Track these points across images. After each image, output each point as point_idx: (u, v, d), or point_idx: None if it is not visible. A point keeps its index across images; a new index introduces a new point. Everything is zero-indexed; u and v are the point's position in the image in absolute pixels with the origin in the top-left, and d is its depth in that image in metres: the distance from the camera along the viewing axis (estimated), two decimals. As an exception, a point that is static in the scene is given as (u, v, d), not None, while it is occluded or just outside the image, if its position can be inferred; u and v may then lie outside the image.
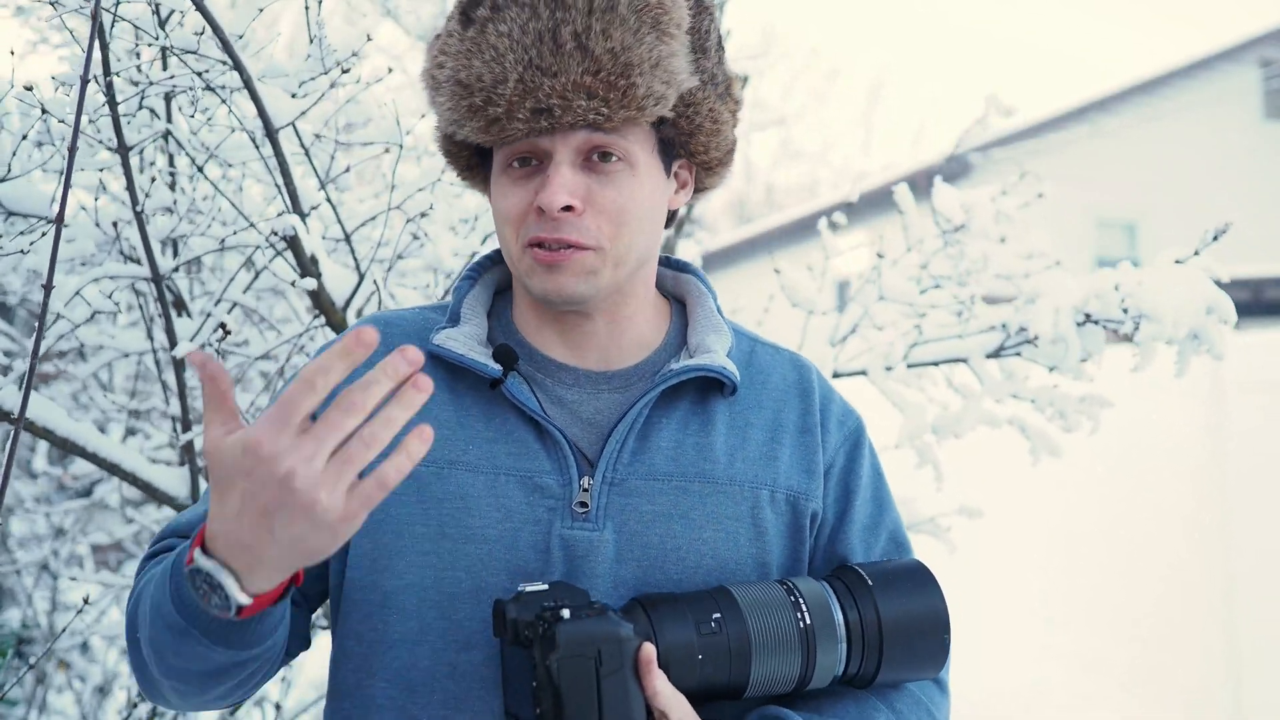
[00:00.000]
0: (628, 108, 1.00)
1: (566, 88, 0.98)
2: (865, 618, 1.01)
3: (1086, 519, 5.19)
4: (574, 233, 1.01)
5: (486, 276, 1.19)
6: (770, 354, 1.20)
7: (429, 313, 1.17)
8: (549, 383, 1.10)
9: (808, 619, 0.99)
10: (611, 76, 0.99)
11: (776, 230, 14.28)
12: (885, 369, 2.03)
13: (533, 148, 1.03)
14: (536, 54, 0.98)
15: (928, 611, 1.04)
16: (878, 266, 2.11)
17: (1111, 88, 12.88)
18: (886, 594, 1.03)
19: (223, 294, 1.87)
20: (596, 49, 0.98)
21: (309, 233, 1.72)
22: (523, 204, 1.03)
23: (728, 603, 0.99)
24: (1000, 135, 11.72)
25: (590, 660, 0.90)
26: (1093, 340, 1.78)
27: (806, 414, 1.15)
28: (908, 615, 1.03)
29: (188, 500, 1.87)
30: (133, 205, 1.64)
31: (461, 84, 1.01)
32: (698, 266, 1.25)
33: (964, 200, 2.08)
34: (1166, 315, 1.59)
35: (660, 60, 1.01)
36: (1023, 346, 1.89)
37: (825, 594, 1.02)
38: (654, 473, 1.07)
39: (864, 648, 1.01)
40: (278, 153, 1.67)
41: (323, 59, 1.62)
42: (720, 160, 1.15)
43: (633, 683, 0.92)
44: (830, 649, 1.00)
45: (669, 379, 1.07)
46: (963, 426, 1.95)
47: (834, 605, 1.01)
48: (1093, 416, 1.89)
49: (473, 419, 1.07)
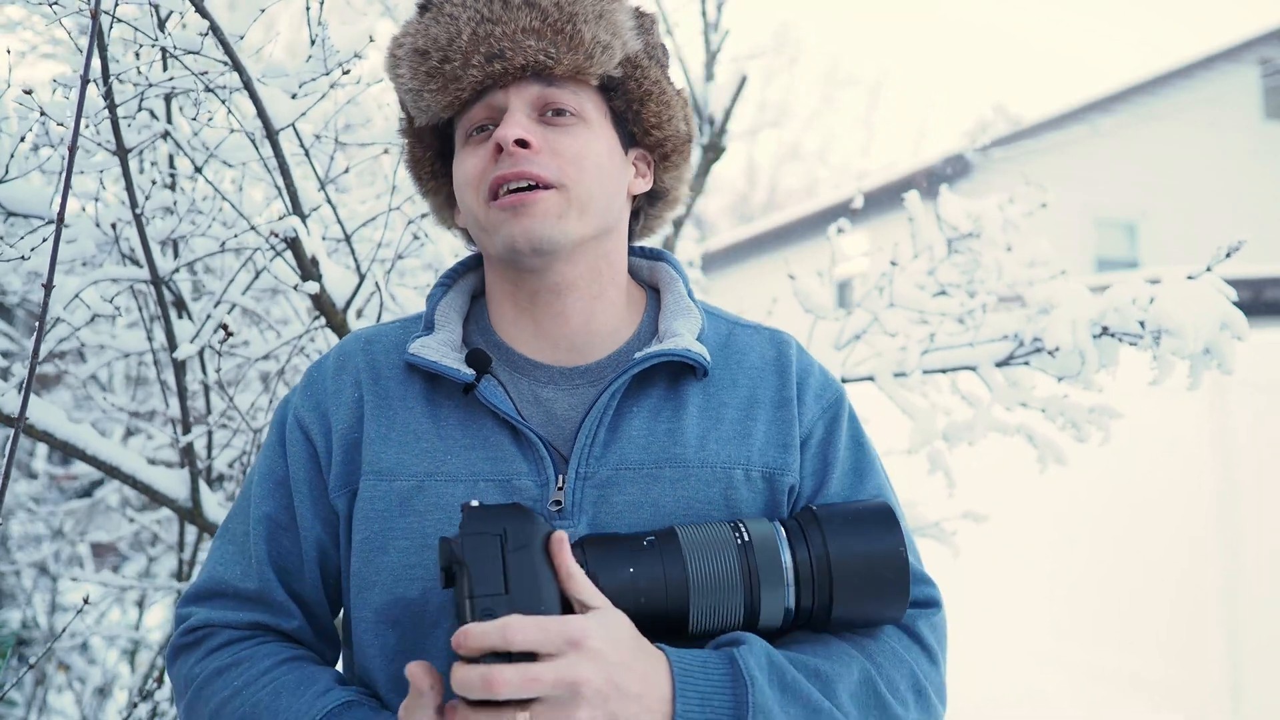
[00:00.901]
0: (575, 52, 1.05)
1: (515, 33, 1.04)
2: (815, 555, 0.98)
3: (1089, 524, 5.19)
4: (533, 165, 1.03)
5: (461, 282, 1.21)
6: (749, 334, 1.19)
7: (410, 323, 1.19)
8: (525, 382, 1.11)
9: (751, 553, 0.97)
10: (559, 23, 1.05)
11: (777, 230, 14.27)
12: (896, 375, 2.02)
13: (489, 111, 1.06)
14: (487, 10, 1.05)
15: (883, 550, 1.00)
16: (888, 273, 2.11)
17: (1111, 88, 12.89)
18: (839, 532, 0.99)
19: (222, 295, 1.86)
20: (543, 2, 1.05)
21: (309, 234, 1.72)
22: (481, 161, 1.06)
23: (667, 534, 0.98)
24: (1000, 136, 11.72)
25: (495, 537, 0.89)
26: (1108, 352, 1.78)
27: (783, 388, 1.14)
28: (861, 553, 0.99)
29: (187, 502, 1.86)
30: (132, 207, 1.63)
31: (419, 51, 1.07)
32: (692, 266, 1.26)
33: (971, 209, 2.08)
34: (1187, 330, 1.58)
35: (604, 13, 1.08)
36: (1034, 356, 1.88)
37: (774, 531, 1.00)
38: (625, 462, 1.06)
39: (814, 585, 0.98)
40: (278, 154, 1.66)
41: (324, 59, 1.61)
42: (674, 148, 1.17)
43: (543, 563, 0.90)
44: (775, 584, 0.97)
45: (633, 367, 1.07)
46: (974, 434, 1.95)
47: (781, 542, 0.99)
48: (1103, 427, 1.89)
49: (450, 427, 1.08)
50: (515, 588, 0.87)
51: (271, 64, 1.64)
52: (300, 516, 1.11)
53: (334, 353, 1.17)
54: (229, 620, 1.10)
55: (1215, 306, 1.61)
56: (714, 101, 3.28)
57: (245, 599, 1.10)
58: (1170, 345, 1.64)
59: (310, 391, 1.14)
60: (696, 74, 3.31)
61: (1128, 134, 12.76)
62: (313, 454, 1.11)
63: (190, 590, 1.14)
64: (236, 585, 1.11)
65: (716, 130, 3.29)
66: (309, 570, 1.11)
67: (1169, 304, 1.63)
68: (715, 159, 3.33)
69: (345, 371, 1.14)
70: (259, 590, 1.10)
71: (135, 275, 1.76)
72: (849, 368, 2.14)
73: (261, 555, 1.10)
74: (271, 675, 1.04)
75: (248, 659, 1.06)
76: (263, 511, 1.12)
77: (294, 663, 1.06)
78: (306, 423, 1.12)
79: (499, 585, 0.87)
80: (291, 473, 1.12)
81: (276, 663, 1.06)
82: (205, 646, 1.09)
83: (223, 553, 1.13)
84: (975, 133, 3.36)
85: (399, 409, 1.10)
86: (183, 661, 1.10)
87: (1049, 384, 1.97)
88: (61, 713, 3.40)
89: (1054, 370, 1.85)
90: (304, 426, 1.12)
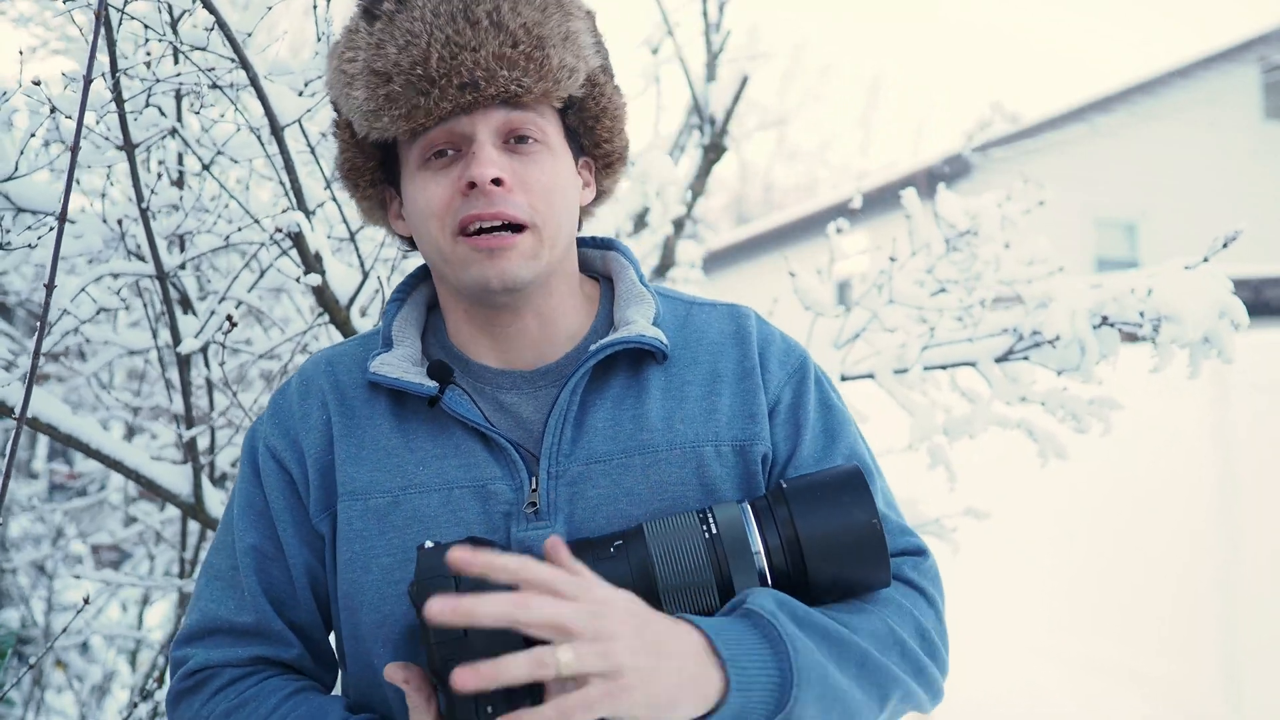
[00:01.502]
0: (545, 79, 1.02)
1: (489, 60, 0.99)
2: (784, 536, 0.95)
3: (1089, 521, 5.20)
4: (509, 206, 1.01)
5: (414, 295, 1.19)
6: (707, 312, 1.18)
7: (369, 340, 1.17)
8: (488, 390, 1.10)
9: (719, 543, 0.94)
10: (529, 49, 1.01)
11: (776, 230, 14.27)
12: (896, 372, 2.03)
13: (450, 135, 1.02)
14: (454, 31, 0.99)
15: (855, 522, 0.95)
16: (887, 270, 2.12)
17: (1111, 88, 12.88)
18: (807, 508, 0.96)
19: (227, 291, 1.87)
20: (510, 24, 1.01)
21: (313, 230, 1.73)
22: (447, 191, 1.02)
23: (634, 534, 0.96)
24: (1000, 135, 11.72)
25: (449, 579, 0.87)
26: (1108, 342, 1.79)
27: (744, 359, 1.13)
28: (833, 528, 0.95)
29: (190, 498, 1.87)
30: (138, 202, 1.64)
31: (377, 73, 1.01)
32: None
33: (969, 207, 2.09)
34: (1186, 318, 1.59)
35: (569, 35, 1.05)
36: (1033, 350, 1.89)
37: (741, 517, 0.96)
38: (593, 456, 1.06)
39: (788, 567, 0.95)
40: (283, 150, 1.67)
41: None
42: (618, 157, 1.17)
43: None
44: (747, 570, 0.94)
45: (589, 360, 1.06)
46: (974, 428, 1.96)
47: (750, 528, 0.95)
48: (1103, 419, 1.90)
49: (419, 440, 1.07)
50: (473, 630, 0.85)
51: (278, 61, 1.65)
52: (286, 545, 1.10)
53: (296, 379, 1.17)
54: (229, 659, 1.09)
55: (1214, 295, 1.62)
56: (715, 102, 3.28)
57: (243, 633, 1.10)
58: (1170, 332, 1.65)
59: (278, 419, 1.13)
60: (697, 74, 3.32)
61: (1127, 134, 12.77)
62: (289, 481, 1.11)
63: (183, 632, 1.12)
64: (232, 620, 1.10)
65: (717, 131, 3.29)
66: (302, 596, 1.11)
67: (1168, 292, 1.64)
68: (716, 159, 3.34)
69: (310, 395, 1.13)
70: (256, 623, 1.09)
71: (141, 270, 1.77)
72: (849, 365, 2.15)
73: (254, 588, 1.09)
74: (281, 712, 1.03)
75: (254, 698, 1.05)
76: (248, 544, 1.11)
77: (302, 695, 1.06)
78: (278, 451, 1.11)
79: (457, 630, 0.85)
80: (271, 502, 1.11)
81: (283, 698, 1.05)
82: (208, 689, 1.08)
83: (212, 590, 1.12)
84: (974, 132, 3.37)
85: (367, 428, 1.09)
86: (186, 706, 1.08)
87: (1049, 378, 1.98)
88: (61, 712, 3.40)
89: (1054, 364, 1.86)
90: (276, 455, 1.12)
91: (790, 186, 23.59)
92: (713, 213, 20.68)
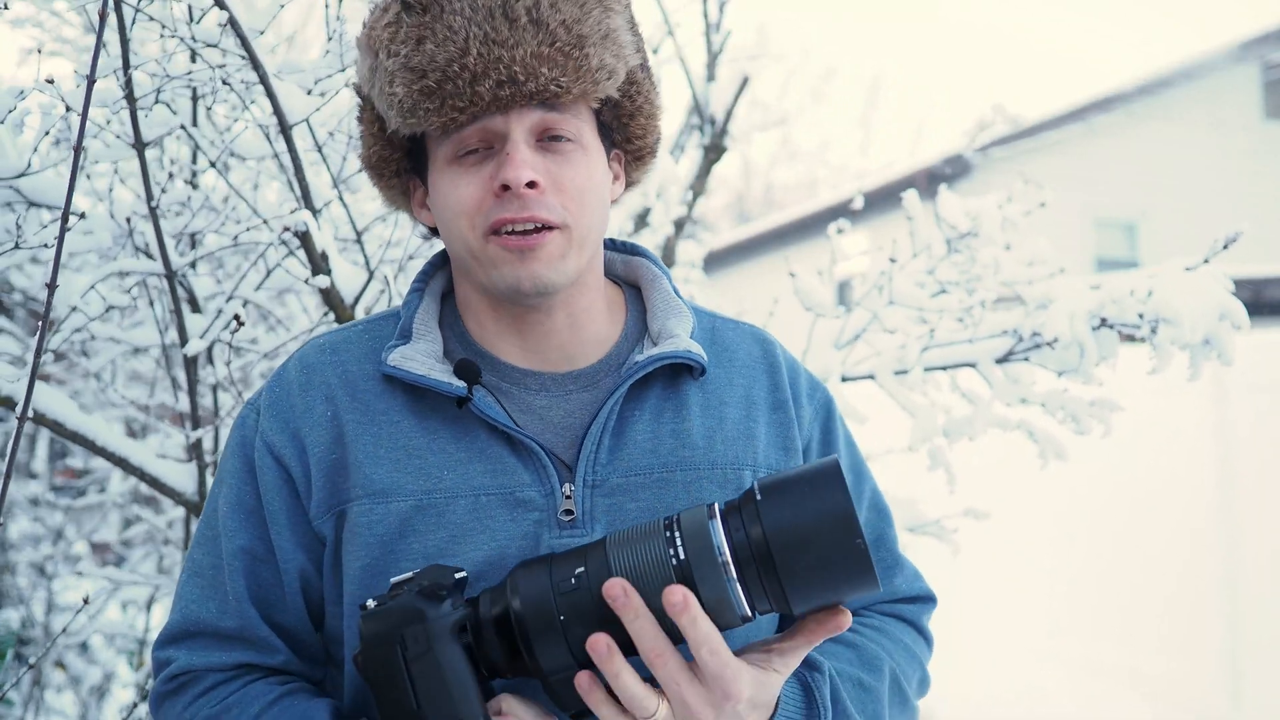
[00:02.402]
0: (583, 79, 1.00)
1: (527, 59, 0.97)
2: (752, 536, 0.85)
3: (1089, 522, 5.20)
4: (542, 209, 0.99)
5: (432, 285, 1.15)
6: (732, 329, 1.18)
7: (376, 326, 1.13)
8: (515, 391, 1.07)
9: (681, 552, 0.85)
10: (567, 48, 0.98)
11: (776, 230, 14.27)
12: (896, 373, 2.04)
13: (483, 133, 1.00)
14: (491, 29, 0.97)
15: (823, 516, 0.84)
16: (887, 271, 2.12)
17: (1111, 88, 12.88)
18: (774, 504, 0.86)
19: (234, 291, 1.88)
20: (550, 21, 0.98)
21: (320, 229, 1.74)
22: (479, 190, 1.00)
23: (596, 553, 0.88)
24: (1000, 136, 11.72)
25: (395, 646, 0.83)
26: (1107, 344, 1.79)
27: (776, 389, 1.13)
28: (799, 524, 0.84)
29: (195, 496, 1.88)
30: (147, 200, 1.65)
31: (413, 69, 0.98)
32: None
33: (970, 208, 2.10)
34: (1184, 319, 1.60)
35: (609, 34, 1.02)
36: (1033, 351, 1.90)
37: (705, 520, 0.87)
38: (634, 468, 1.04)
39: (759, 572, 0.85)
40: (291, 149, 1.68)
41: (341, 55, 1.63)
42: (649, 151, 1.14)
43: (451, 658, 0.84)
44: (714, 580, 0.85)
45: (635, 372, 1.04)
46: (974, 429, 1.97)
47: (715, 531, 0.86)
48: (1104, 420, 1.90)
49: (443, 441, 1.03)
50: (425, 701, 0.83)
51: (288, 60, 1.66)
52: (279, 548, 1.05)
53: (295, 367, 1.10)
54: (212, 664, 1.04)
55: (1214, 297, 1.62)
56: (715, 102, 3.29)
57: (225, 638, 1.05)
58: (1168, 334, 1.65)
59: (276, 411, 1.07)
60: (698, 74, 3.33)
61: (1128, 134, 12.76)
62: (288, 479, 1.05)
63: (165, 633, 1.08)
64: (215, 624, 1.05)
65: (717, 131, 3.30)
66: (291, 600, 1.06)
67: (1167, 294, 1.65)
68: (716, 159, 3.35)
69: (313, 386, 1.07)
70: (239, 628, 1.04)
71: (149, 268, 1.77)
72: (849, 366, 2.16)
73: (240, 591, 1.04)
74: (265, 719, 1.00)
75: (237, 704, 1.01)
76: (237, 545, 1.05)
77: (288, 699, 1.02)
78: (277, 448, 1.05)
79: (409, 702, 0.83)
80: (265, 502, 1.05)
81: (268, 704, 1.01)
82: (190, 693, 1.04)
83: (193, 590, 1.07)
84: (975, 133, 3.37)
85: (384, 424, 1.04)
86: (168, 709, 1.05)
87: (1049, 380, 1.98)
88: (61, 712, 3.40)
89: (1054, 365, 1.87)
90: (275, 452, 1.05)
91: (790, 186, 23.59)
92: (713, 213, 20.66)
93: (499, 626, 0.87)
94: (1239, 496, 4.64)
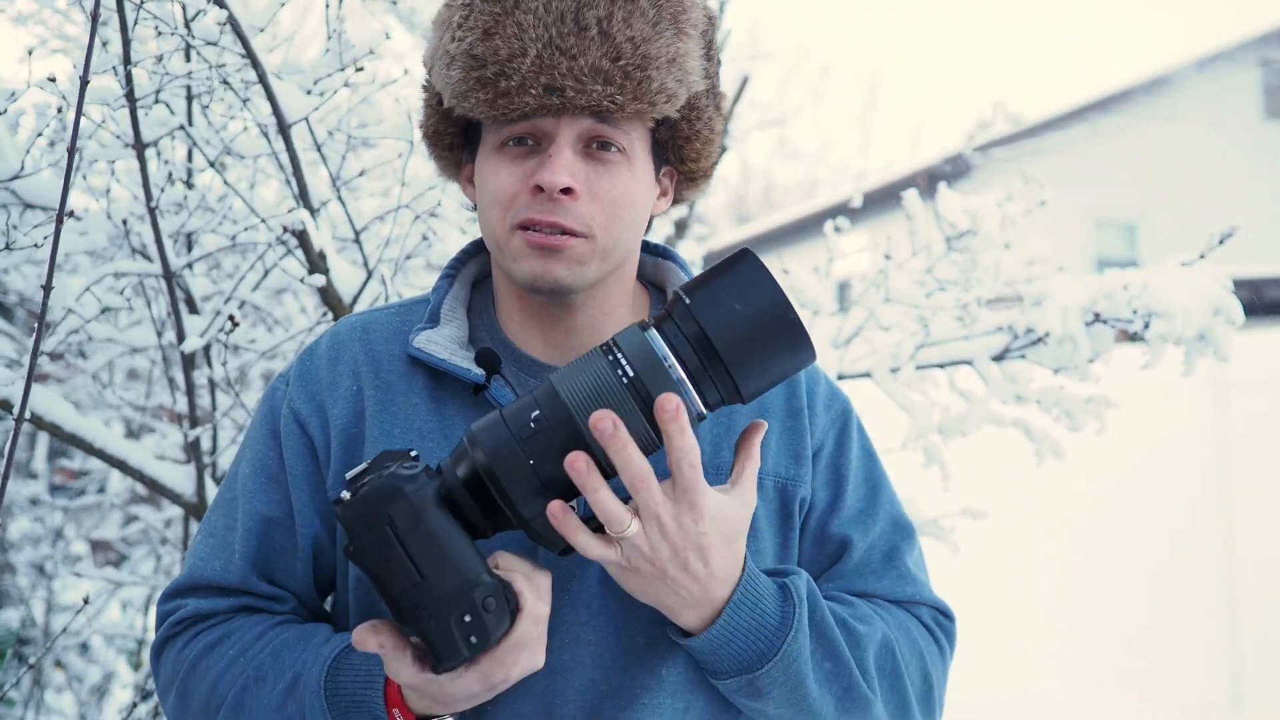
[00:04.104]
0: (639, 100, 0.99)
1: (583, 70, 0.97)
2: (690, 335, 0.87)
3: (1089, 522, 5.20)
4: (568, 217, 1.00)
5: (464, 271, 1.18)
6: None
7: (408, 310, 1.16)
8: (532, 383, 1.09)
9: (630, 370, 0.87)
10: (629, 66, 0.98)
11: (776, 230, 14.28)
12: (891, 371, 2.03)
13: (534, 128, 1.01)
14: (557, 33, 0.97)
15: (748, 294, 0.87)
16: (884, 269, 2.12)
17: (1111, 88, 12.89)
18: (701, 299, 0.88)
19: (233, 292, 1.88)
20: (618, 36, 0.98)
21: (318, 229, 1.73)
22: (516, 183, 1.01)
23: (546, 393, 0.88)
24: (1000, 136, 11.72)
25: (384, 527, 0.84)
26: (1101, 340, 1.79)
27: (792, 398, 1.14)
28: (730, 310, 0.87)
29: (193, 498, 1.87)
30: (146, 201, 1.64)
31: (474, 56, 0.99)
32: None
33: (969, 206, 2.10)
34: (1176, 313, 1.60)
35: (676, 57, 1.01)
36: (1029, 348, 1.90)
37: (640, 334, 0.89)
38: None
39: (704, 366, 0.88)
40: (289, 148, 1.68)
41: (340, 54, 1.62)
42: (704, 173, 1.14)
43: (443, 526, 0.85)
44: (667, 386, 0.87)
45: None
46: (968, 426, 1.96)
47: (655, 340, 0.88)
48: (1099, 417, 1.90)
49: (456, 426, 1.06)
50: (428, 570, 0.84)
51: (287, 60, 1.66)
52: (298, 512, 1.08)
53: (326, 340, 1.14)
54: (218, 607, 1.07)
55: (1208, 292, 1.62)
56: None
57: (229, 591, 1.08)
58: (1160, 328, 1.65)
59: (304, 382, 1.11)
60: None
61: (1128, 134, 12.77)
62: (310, 447, 1.08)
63: (171, 586, 1.11)
64: (218, 580, 1.08)
65: (718, 129, 3.29)
66: (301, 566, 1.09)
67: (1160, 289, 1.64)
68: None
69: (341, 362, 1.11)
70: (240, 584, 1.08)
71: (146, 269, 1.77)
72: (847, 364, 2.15)
73: (248, 552, 1.08)
74: (267, 638, 1.03)
75: (238, 629, 1.04)
76: (254, 507, 1.09)
77: (287, 624, 1.05)
78: (303, 415, 1.09)
79: (412, 575, 0.84)
80: (288, 467, 1.09)
81: (269, 626, 1.04)
82: (192, 631, 1.07)
83: (203, 548, 1.10)
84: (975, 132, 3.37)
85: (402, 404, 1.07)
86: (169, 650, 1.07)
87: (1046, 377, 1.98)
88: (60, 712, 3.40)
89: (1050, 362, 1.86)
90: (300, 419, 1.09)
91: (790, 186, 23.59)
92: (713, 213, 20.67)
93: (470, 487, 0.88)
94: (1238, 496, 4.64)
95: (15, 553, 3.42)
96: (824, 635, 0.99)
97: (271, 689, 0.98)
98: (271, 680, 0.99)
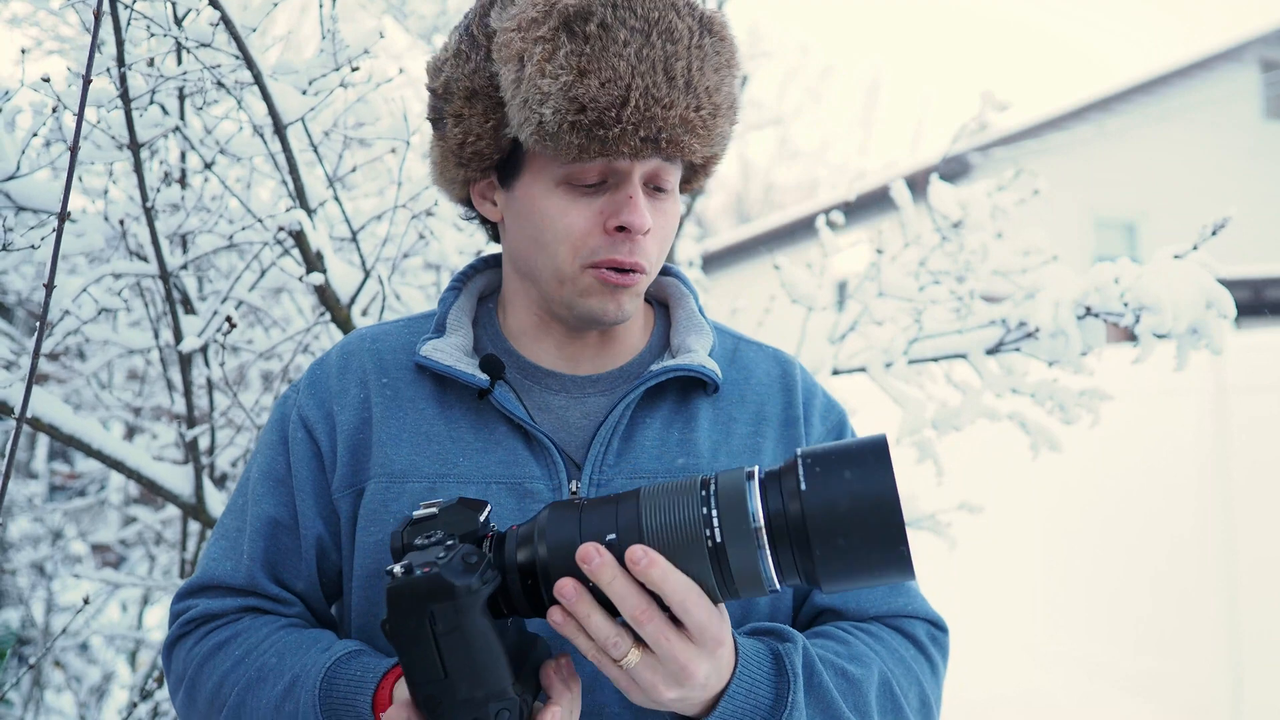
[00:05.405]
0: (710, 145, 1.04)
1: (676, 122, 0.99)
2: (789, 508, 0.82)
3: (1088, 522, 5.20)
4: (643, 256, 1.04)
5: (470, 285, 1.21)
6: (754, 351, 1.22)
7: (416, 323, 1.20)
8: (536, 389, 1.12)
9: (714, 514, 0.83)
10: (706, 115, 1.01)
11: (776, 230, 14.28)
12: (885, 365, 2.03)
13: (605, 170, 1.02)
14: (654, 83, 0.98)
15: (865, 496, 0.80)
16: (876, 263, 2.12)
17: (1112, 88, 12.89)
18: (816, 477, 0.82)
19: (229, 292, 1.88)
20: (699, 87, 1.01)
21: (315, 229, 1.73)
22: (589, 223, 1.03)
23: (629, 508, 0.86)
24: (1000, 135, 11.73)
25: (424, 620, 0.83)
26: (1093, 333, 1.79)
27: (789, 407, 1.17)
28: (839, 502, 0.80)
29: (191, 498, 1.87)
30: (143, 202, 1.65)
31: (572, 99, 0.97)
32: (691, 266, 1.26)
33: (960, 196, 2.10)
34: (1166, 306, 1.59)
35: (733, 102, 1.06)
36: (1023, 342, 1.90)
37: (742, 483, 0.84)
38: (639, 470, 1.08)
39: (791, 546, 0.82)
40: (286, 149, 1.68)
41: (335, 54, 1.63)
42: (707, 177, 1.18)
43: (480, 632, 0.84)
44: (744, 547, 0.82)
45: (649, 380, 1.09)
46: (962, 420, 1.96)
47: (751, 496, 0.83)
48: (1092, 410, 1.90)
49: (462, 430, 1.09)
50: (454, 670, 0.84)
51: (282, 60, 1.66)
52: (302, 515, 1.11)
53: (337, 351, 1.18)
54: (227, 607, 1.10)
55: (1200, 285, 1.61)
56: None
57: (238, 592, 1.11)
58: (1150, 322, 1.64)
59: (314, 390, 1.15)
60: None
61: (1128, 134, 12.77)
62: (316, 453, 1.12)
63: (183, 587, 1.15)
64: (228, 581, 1.11)
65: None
66: (306, 568, 1.12)
67: (1150, 282, 1.64)
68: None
69: (350, 371, 1.14)
70: (249, 585, 1.11)
71: (143, 270, 1.77)
72: (842, 360, 2.15)
73: (256, 553, 1.11)
74: (272, 640, 1.05)
75: (246, 630, 1.07)
76: (262, 510, 1.12)
77: (292, 628, 1.08)
78: (311, 421, 1.12)
79: (437, 671, 0.84)
80: (294, 471, 1.12)
81: (276, 629, 1.07)
82: (202, 630, 1.10)
83: (216, 550, 1.14)
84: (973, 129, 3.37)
85: (409, 410, 1.10)
86: (179, 648, 1.10)
87: (1041, 370, 1.98)
88: (60, 712, 3.40)
89: (1044, 355, 1.86)
90: (308, 425, 1.12)
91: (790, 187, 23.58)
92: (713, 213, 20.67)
93: (523, 572, 0.88)
94: (1238, 496, 4.64)
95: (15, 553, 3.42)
96: (823, 700, 0.99)
97: (271, 690, 1.01)
98: (272, 681, 1.01)
